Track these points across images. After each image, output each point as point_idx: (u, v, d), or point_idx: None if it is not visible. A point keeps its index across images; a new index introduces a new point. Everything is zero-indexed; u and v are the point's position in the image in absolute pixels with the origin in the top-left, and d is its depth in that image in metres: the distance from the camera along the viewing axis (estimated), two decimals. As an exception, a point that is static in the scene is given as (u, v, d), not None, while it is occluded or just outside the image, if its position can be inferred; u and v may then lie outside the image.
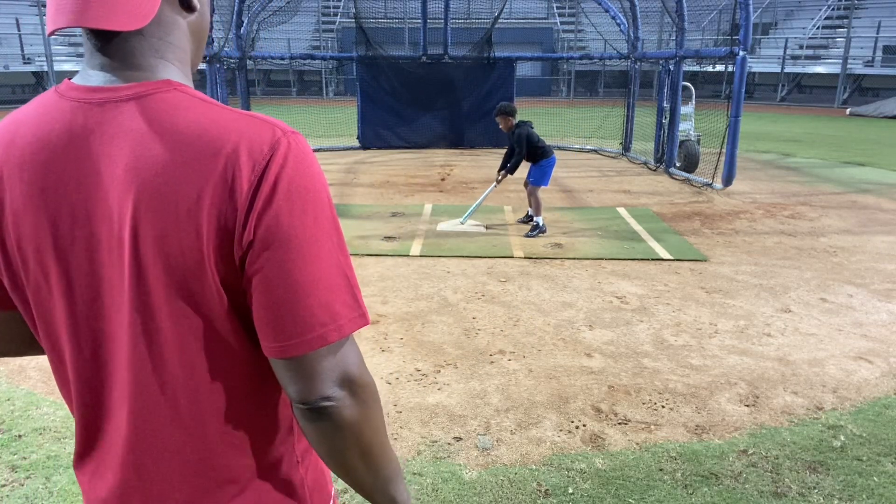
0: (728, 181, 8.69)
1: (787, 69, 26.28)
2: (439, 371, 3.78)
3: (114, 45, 0.82)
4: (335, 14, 30.18)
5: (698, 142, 10.03)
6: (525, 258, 5.98)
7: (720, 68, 10.41)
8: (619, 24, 12.34)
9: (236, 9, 11.27)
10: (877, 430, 3.20)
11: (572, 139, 13.95)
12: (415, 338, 4.24)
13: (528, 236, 6.65)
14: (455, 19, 13.30)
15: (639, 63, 12.06)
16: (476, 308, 4.75)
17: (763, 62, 27.04)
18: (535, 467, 2.90)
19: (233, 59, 11.43)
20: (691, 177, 9.72)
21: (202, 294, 0.81)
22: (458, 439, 3.10)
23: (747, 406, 3.43)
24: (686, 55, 10.08)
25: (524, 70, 23.38)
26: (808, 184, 9.79)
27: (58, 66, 23.53)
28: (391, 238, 6.62)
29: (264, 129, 0.81)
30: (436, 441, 3.09)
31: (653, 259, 5.96)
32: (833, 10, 27.63)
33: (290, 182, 0.79)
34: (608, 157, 12.58)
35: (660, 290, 5.14)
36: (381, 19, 13.56)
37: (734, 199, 8.60)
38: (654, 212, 7.85)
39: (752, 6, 8.10)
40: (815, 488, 2.76)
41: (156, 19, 0.82)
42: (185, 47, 0.89)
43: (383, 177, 10.25)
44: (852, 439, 3.12)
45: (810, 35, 27.45)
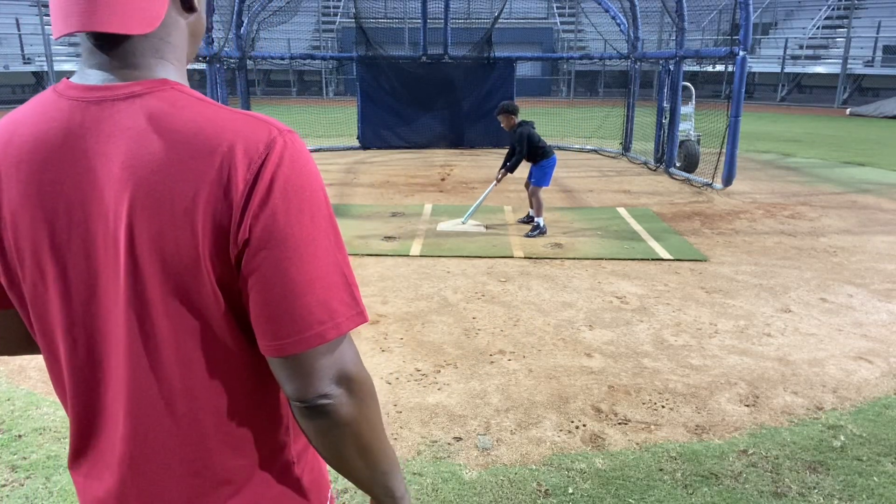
0: (728, 181, 8.69)
1: (787, 69, 26.27)
2: (439, 371, 3.78)
3: (115, 44, 0.82)
4: (335, 14, 30.18)
5: (698, 142, 10.02)
6: (525, 258, 5.97)
7: (720, 68, 10.41)
8: (619, 24, 12.33)
9: (236, 9, 11.26)
10: (877, 430, 3.20)
11: (572, 139, 13.94)
12: (415, 338, 4.24)
13: (528, 236, 6.65)
14: (455, 19, 13.30)
15: (639, 63, 12.05)
16: (476, 308, 4.75)
17: (763, 62, 27.03)
18: (535, 467, 2.89)
19: (233, 59, 11.41)
20: (691, 177, 9.72)
21: (198, 293, 0.81)
22: (458, 439, 3.10)
23: (747, 406, 3.42)
24: (686, 55, 10.08)
25: (524, 70, 23.36)
26: (808, 184, 9.79)
27: (58, 67, 23.52)
28: (391, 238, 6.62)
29: (260, 128, 0.81)
30: (436, 441, 3.08)
31: (653, 259, 5.95)
32: (833, 10, 27.63)
33: (286, 181, 0.79)
34: (608, 157, 12.57)
35: (660, 290, 5.14)
36: (381, 19, 13.56)
37: (734, 199, 8.59)
38: (654, 212, 7.85)
39: (752, 6, 8.09)
40: (815, 488, 2.76)
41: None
42: (183, 47, 0.89)
43: (383, 177, 10.25)
44: (852, 439, 3.12)
45: (810, 35, 27.44)
